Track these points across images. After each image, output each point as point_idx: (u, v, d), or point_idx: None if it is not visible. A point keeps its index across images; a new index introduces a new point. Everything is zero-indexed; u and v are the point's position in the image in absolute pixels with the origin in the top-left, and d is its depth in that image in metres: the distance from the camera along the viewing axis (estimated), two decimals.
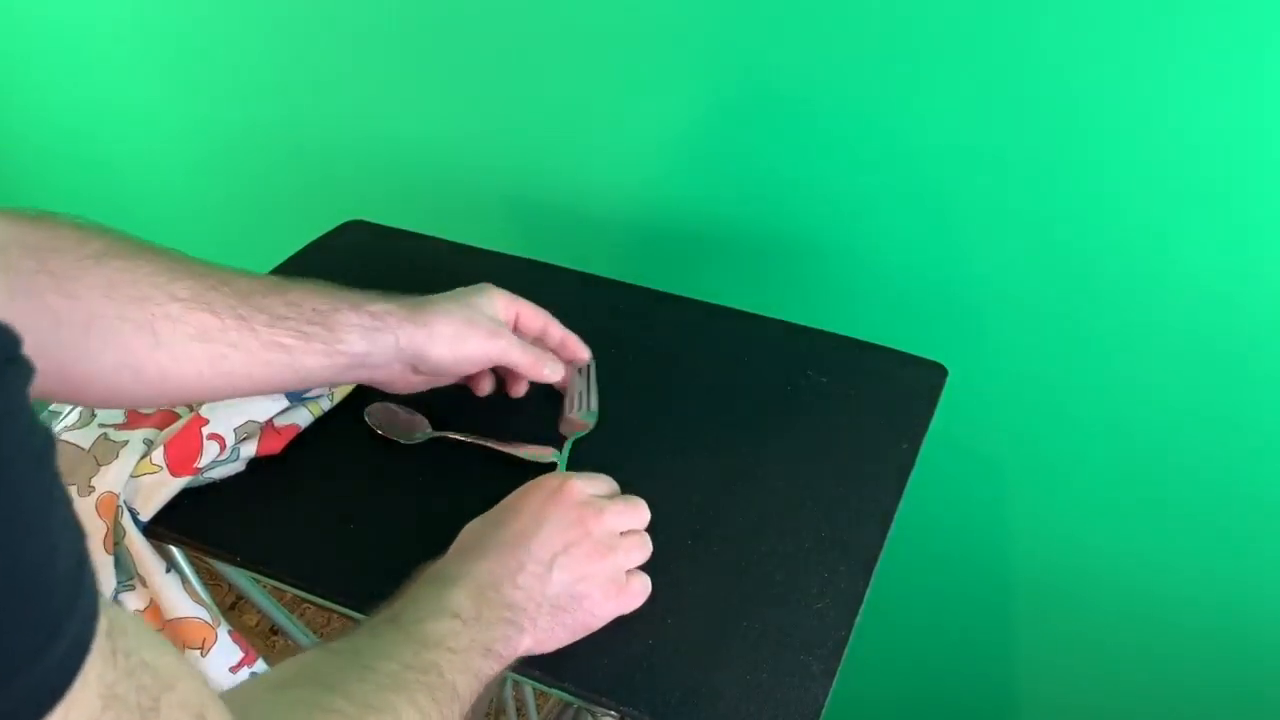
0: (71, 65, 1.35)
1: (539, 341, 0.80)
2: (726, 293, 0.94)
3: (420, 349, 0.70)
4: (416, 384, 0.75)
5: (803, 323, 0.90)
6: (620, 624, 0.66)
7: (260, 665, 0.79)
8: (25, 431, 0.27)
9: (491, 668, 0.58)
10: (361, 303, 0.69)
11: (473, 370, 0.76)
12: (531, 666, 0.65)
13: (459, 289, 0.77)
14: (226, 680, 0.76)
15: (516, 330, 0.78)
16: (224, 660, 0.76)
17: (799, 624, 0.67)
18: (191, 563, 0.81)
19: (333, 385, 0.80)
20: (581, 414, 0.80)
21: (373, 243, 1.06)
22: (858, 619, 0.68)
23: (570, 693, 0.64)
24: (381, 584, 0.69)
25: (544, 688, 0.66)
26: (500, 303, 0.77)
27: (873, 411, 0.82)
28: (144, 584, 0.75)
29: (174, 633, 0.75)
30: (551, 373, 0.78)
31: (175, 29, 1.24)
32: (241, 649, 0.78)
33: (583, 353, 0.82)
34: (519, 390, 0.82)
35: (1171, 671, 1.09)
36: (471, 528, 0.66)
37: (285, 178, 1.29)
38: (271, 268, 1.00)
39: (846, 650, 0.66)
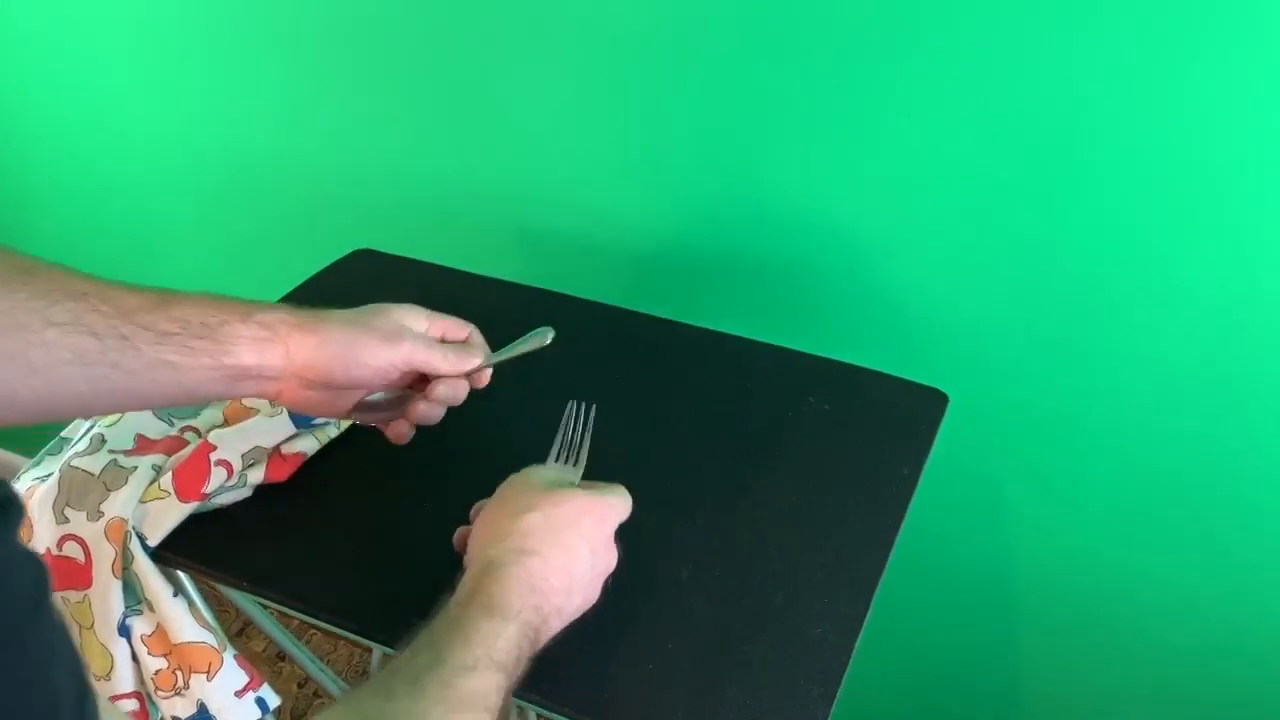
0: (80, 92, 1.37)
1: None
2: (729, 319, 0.95)
3: (311, 358, 0.67)
4: (314, 401, 0.70)
5: (804, 349, 0.91)
6: (621, 647, 0.67)
7: (266, 690, 0.79)
8: (20, 577, 0.27)
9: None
10: (252, 312, 0.66)
11: (376, 382, 0.70)
12: (530, 690, 0.65)
13: (377, 304, 0.74)
14: (232, 705, 0.77)
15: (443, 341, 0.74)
16: (230, 684, 0.77)
17: (799, 648, 0.67)
18: (199, 587, 0.82)
19: (226, 399, 0.77)
20: (560, 468, 0.73)
21: (381, 271, 1.07)
22: (857, 643, 0.68)
23: (570, 716, 0.65)
24: (389, 610, 0.70)
25: (544, 710, 0.67)
26: (415, 317, 0.72)
27: (874, 437, 0.83)
28: (151, 608, 0.76)
29: (181, 656, 0.76)
30: (467, 363, 0.73)
31: (186, 57, 1.26)
32: (247, 673, 0.78)
33: (476, 365, 0.74)
34: (428, 414, 0.74)
35: (1175, 690, 1.08)
36: (495, 528, 0.64)
37: (294, 206, 1.31)
38: (280, 296, 1.01)
39: (846, 675, 0.66)
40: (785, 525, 0.75)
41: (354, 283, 1.05)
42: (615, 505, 0.67)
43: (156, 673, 0.77)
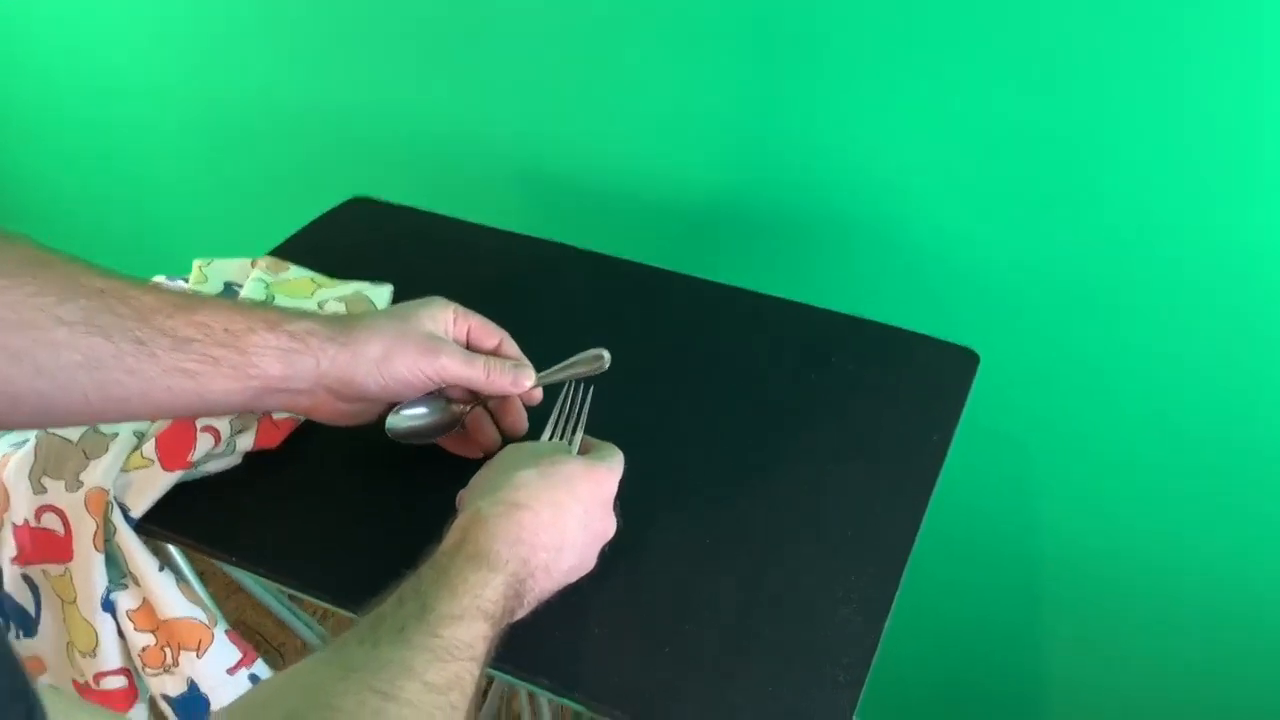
0: (68, 43, 1.31)
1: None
2: (746, 273, 0.90)
3: (344, 373, 0.63)
4: (347, 414, 0.67)
5: (827, 306, 0.85)
6: (633, 629, 0.63)
7: (260, 666, 0.75)
8: None
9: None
10: (279, 322, 0.62)
11: (409, 395, 0.67)
12: (539, 674, 0.61)
13: (401, 303, 0.70)
14: (223, 683, 0.73)
15: (470, 349, 0.70)
16: (221, 662, 0.73)
17: (823, 631, 0.63)
18: (189, 559, 0.78)
19: (250, 412, 0.73)
20: (555, 444, 0.69)
21: (377, 220, 1.02)
22: (886, 625, 0.64)
23: (579, 703, 0.61)
24: (384, 587, 0.65)
25: (554, 696, 0.63)
26: (444, 316, 0.69)
27: (901, 401, 0.78)
28: (137, 583, 0.72)
29: (169, 633, 0.72)
30: (515, 381, 0.69)
31: (176, 3, 1.19)
32: (240, 650, 0.74)
33: (528, 386, 0.70)
34: (512, 425, 0.72)
35: (1206, 661, 1.05)
36: (489, 485, 0.61)
37: (287, 153, 1.25)
38: (273, 246, 0.96)
39: (875, 659, 0.62)
40: (807, 496, 0.71)
41: (348, 232, 1.00)
42: (614, 469, 0.65)
43: (144, 649, 0.73)
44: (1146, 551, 1.00)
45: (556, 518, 0.59)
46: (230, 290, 0.87)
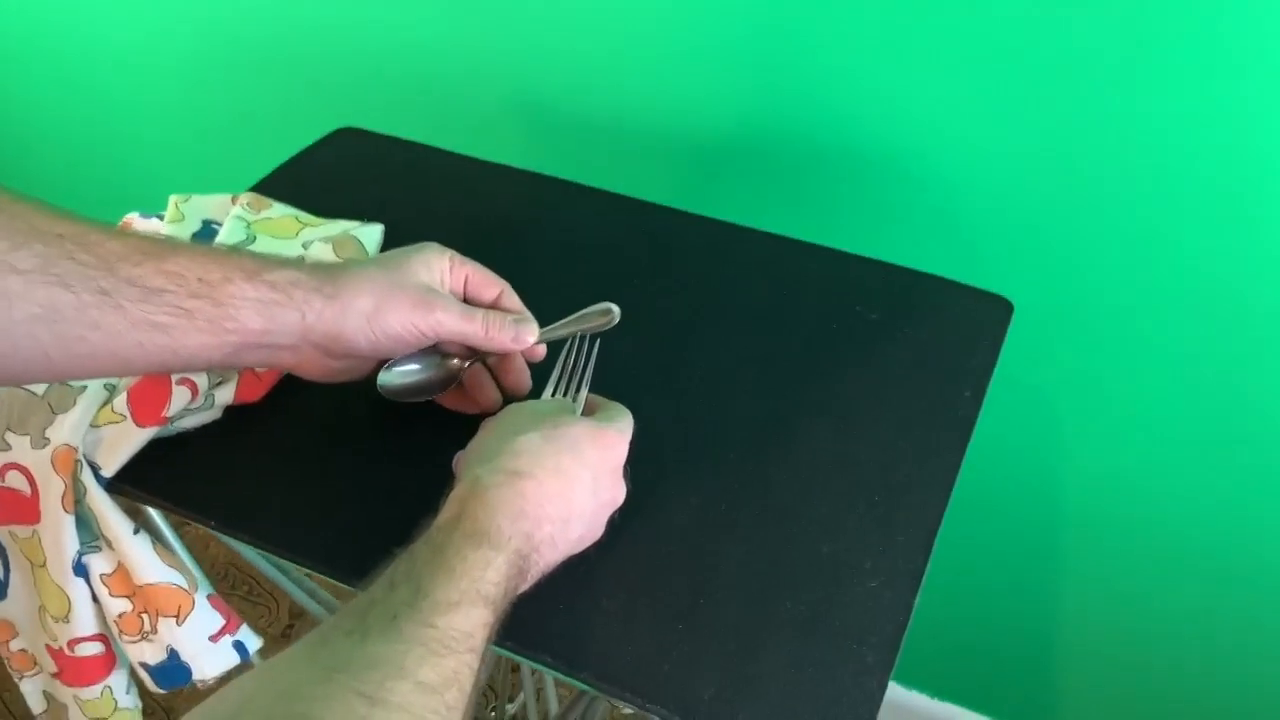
0: None
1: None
2: (763, 214, 0.84)
3: (331, 328, 0.58)
4: (334, 370, 0.62)
5: (850, 250, 0.80)
6: (644, 603, 0.58)
7: (245, 633, 0.71)
8: None
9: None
10: (259, 271, 0.57)
11: (402, 351, 0.62)
12: (542, 651, 0.57)
13: (392, 250, 0.65)
14: (206, 651, 0.69)
15: (467, 301, 0.64)
16: (203, 628, 0.69)
17: (850, 606, 0.58)
18: (169, 518, 0.73)
19: (229, 369, 0.68)
20: (558, 401, 0.64)
21: (367, 153, 0.95)
22: (917, 600, 0.59)
23: (588, 684, 0.56)
24: (376, 555, 0.61)
25: (560, 676, 0.59)
26: (440, 265, 0.63)
27: (930, 353, 0.73)
28: (110, 546, 0.67)
29: (146, 599, 0.67)
30: (516, 337, 0.63)
31: None
32: (223, 615, 0.70)
33: (531, 343, 0.64)
34: (514, 384, 0.67)
35: (1242, 624, 1.01)
36: (487, 452, 0.56)
37: (271, 79, 1.18)
38: (256, 181, 0.90)
39: (905, 637, 0.58)
40: (831, 458, 0.66)
41: (336, 166, 0.93)
42: (624, 432, 0.60)
43: (120, 615, 0.68)
44: (1179, 510, 0.96)
45: (563, 486, 0.54)
46: (209, 229, 0.81)
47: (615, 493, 0.59)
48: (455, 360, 0.66)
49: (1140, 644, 1.09)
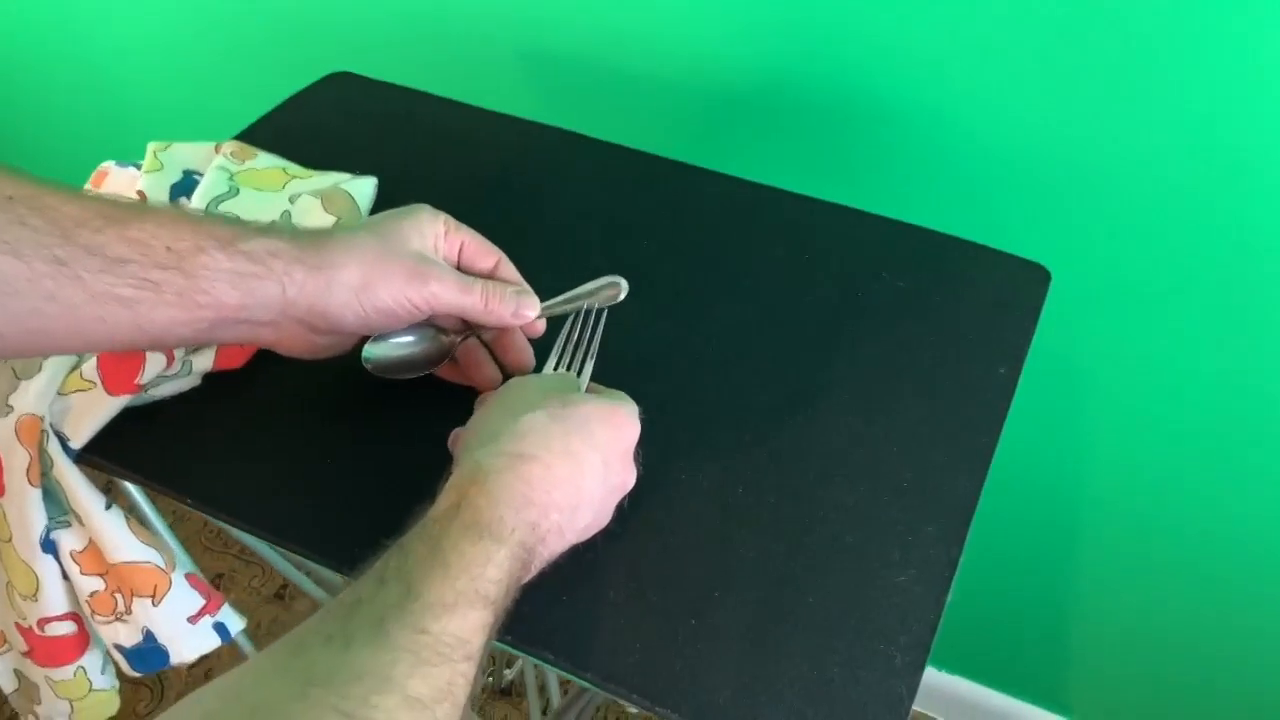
0: None
1: None
2: (782, 171, 0.78)
3: (315, 303, 0.53)
4: (319, 347, 0.58)
5: (876, 211, 0.74)
6: (654, 597, 0.54)
7: (226, 613, 0.67)
8: None
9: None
10: (234, 239, 0.52)
11: (394, 326, 0.57)
12: (543, 648, 0.53)
13: (381, 214, 0.60)
14: (184, 633, 0.65)
15: (460, 271, 0.59)
16: (181, 610, 0.65)
17: (877, 602, 0.54)
18: (146, 491, 0.68)
19: (205, 346, 0.63)
20: (561, 375, 0.59)
21: (361, 100, 0.89)
22: (950, 595, 0.55)
23: (592, 683, 0.52)
24: (365, 540, 0.56)
25: (565, 674, 0.54)
26: (433, 230, 0.58)
27: (962, 325, 0.68)
28: (81, 521, 0.62)
29: (119, 578, 0.63)
30: (517, 311, 0.58)
31: None
32: (203, 595, 0.66)
33: (532, 317, 0.59)
34: (516, 360, 0.62)
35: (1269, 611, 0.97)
36: (488, 433, 0.51)
37: (259, 20, 1.11)
38: (244, 128, 0.84)
39: (936, 635, 0.53)
40: (855, 439, 0.61)
41: (327, 114, 0.88)
42: (634, 414, 0.55)
43: (92, 595, 0.64)
44: (1215, 495, 0.91)
45: (571, 471, 0.50)
46: (190, 180, 0.75)
47: (626, 477, 0.54)
48: (447, 335, 0.61)
49: (1165, 628, 1.05)
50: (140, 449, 0.62)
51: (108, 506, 0.62)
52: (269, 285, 0.52)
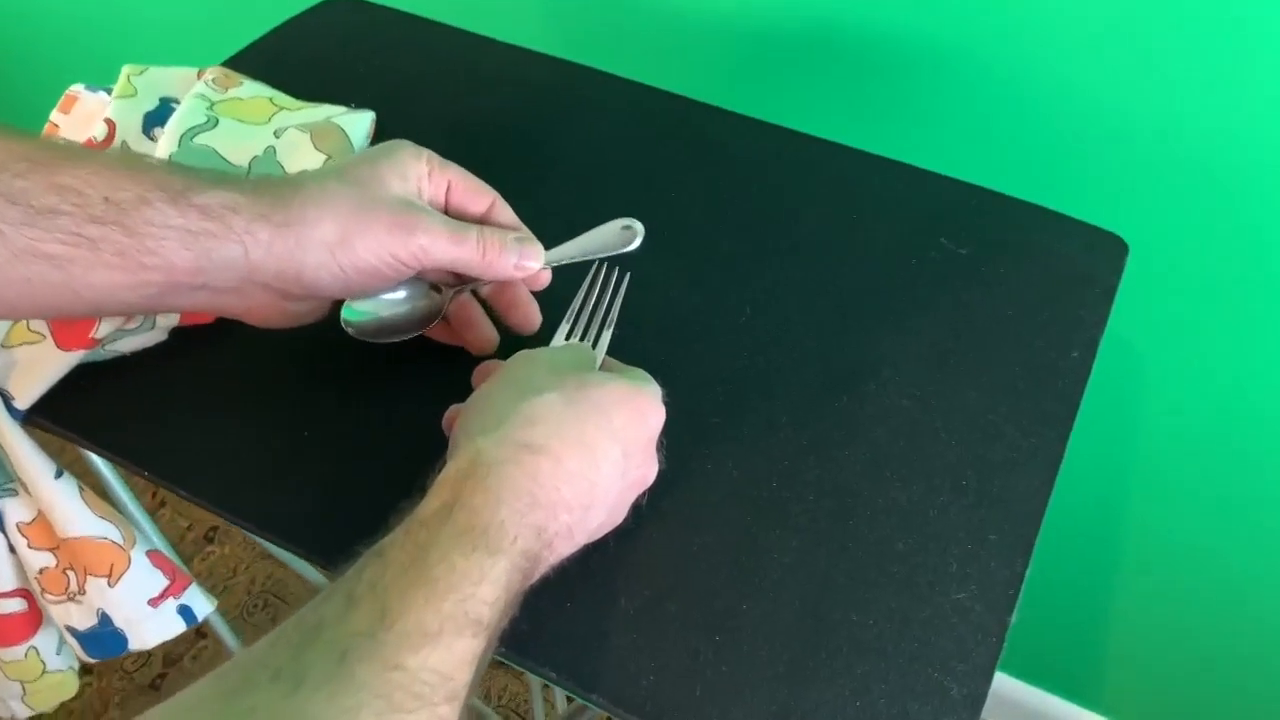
0: None
1: None
2: (830, 119, 0.70)
3: (285, 265, 0.46)
4: (291, 315, 0.50)
5: (936, 169, 0.66)
6: (675, 612, 0.47)
7: (193, 594, 0.60)
8: None
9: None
10: (186, 191, 0.44)
11: (377, 287, 0.50)
12: (545, 664, 0.46)
13: (354, 156, 0.52)
14: (144, 617, 0.58)
15: (449, 216, 0.52)
16: (140, 591, 0.58)
17: (931, 622, 0.47)
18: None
19: (150, 315, 0.55)
20: (574, 346, 0.52)
21: (361, 26, 0.81)
22: (1015, 616, 0.47)
23: (599, 705, 0.45)
24: (343, 530, 0.49)
25: (566, 691, 0.47)
26: (415, 170, 0.50)
27: (1031, 301, 0.60)
28: (28, 490, 0.55)
29: (71, 554, 0.56)
30: (520, 262, 0.50)
31: None
32: (166, 574, 0.59)
33: (536, 268, 0.51)
34: (520, 318, 0.54)
35: None
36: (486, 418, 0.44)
37: None
38: (232, 54, 0.76)
39: (998, 664, 0.46)
40: (908, 429, 0.53)
41: (323, 39, 0.79)
42: (659, 399, 0.47)
43: (42, 571, 0.57)
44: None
45: (585, 464, 0.42)
46: (166, 108, 0.67)
47: (646, 470, 0.46)
48: (439, 289, 0.53)
49: (1210, 627, 0.98)
50: (94, 412, 0.54)
51: (58, 475, 0.55)
52: (228, 246, 0.44)
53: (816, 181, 0.66)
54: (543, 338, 0.53)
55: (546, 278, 0.53)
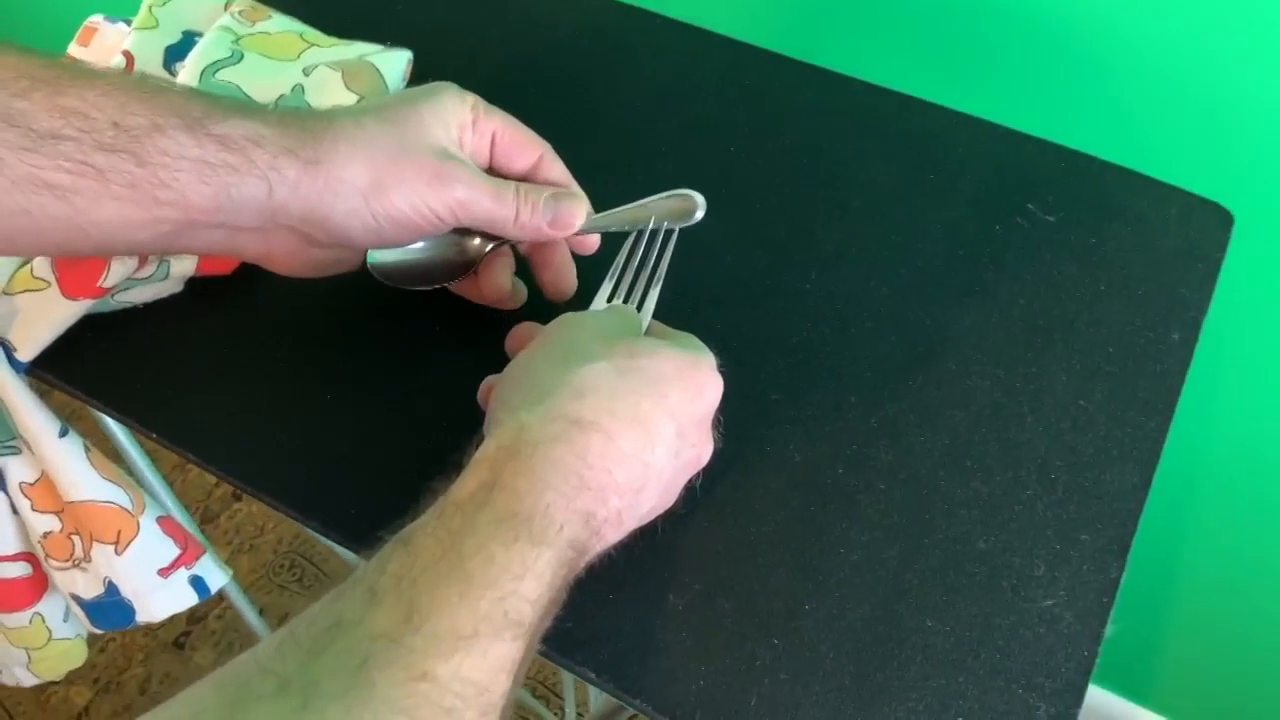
0: None
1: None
2: (903, 70, 0.64)
3: (312, 208, 0.41)
4: (318, 263, 0.46)
5: (1022, 129, 0.60)
6: (728, 611, 0.42)
7: (206, 564, 0.56)
8: None
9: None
10: (205, 119, 0.40)
11: (408, 239, 0.46)
12: (584, 661, 0.41)
13: (393, 95, 0.48)
14: (154, 588, 0.54)
15: (493, 169, 0.47)
16: (150, 560, 0.54)
17: (1015, 631, 0.42)
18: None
19: (163, 255, 0.50)
20: (619, 310, 0.47)
21: None
22: (1109, 626, 0.42)
23: (641, 711, 0.41)
24: (369, 499, 0.45)
25: (606, 692, 0.43)
26: (458, 116, 0.45)
27: (1127, 274, 0.54)
28: (31, 449, 0.51)
29: (76, 519, 0.53)
30: (556, 220, 0.46)
31: None
32: (178, 543, 0.55)
33: (576, 227, 0.47)
34: (554, 281, 0.49)
35: None
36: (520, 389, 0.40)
37: None
38: None
39: (1090, 679, 0.41)
40: (991, 414, 0.48)
41: None
42: (715, 370, 0.42)
43: (45, 535, 0.54)
44: None
45: (639, 443, 0.37)
46: (190, 41, 0.63)
47: (702, 450, 0.42)
48: (475, 239, 0.48)
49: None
50: (102, 367, 0.50)
51: (62, 433, 0.51)
52: (251, 182, 0.40)
53: (891, 136, 0.60)
54: (582, 299, 0.48)
55: (594, 242, 0.49)
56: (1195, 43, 0.64)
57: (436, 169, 0.42)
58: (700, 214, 0.48)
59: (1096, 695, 1.15)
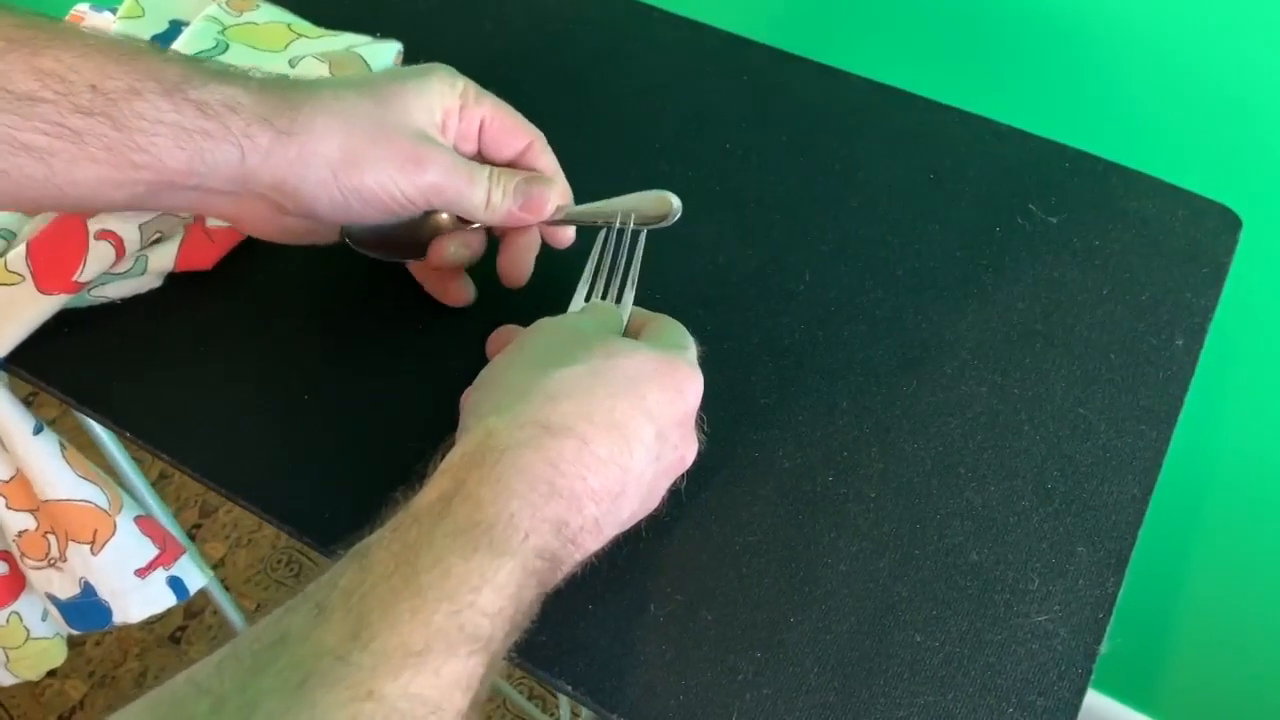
0: None
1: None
2: (905, 68, 0.62)
3: (282, 177, 0.41)
4: (289, 231, 0.45)
5: (1025, 127, 0.59)
6: (712, 621, 0.41)
7: (184, 565, 0.55)
8: None
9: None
10: (183, 83, 0.40)
11: (377, 218, 0.44)
12: (560, 674, 0.40)
13: (383, 71, 0.49)
14: (131, 588, 0.53)
15: (481, 155, 0.46)
16: (127, 560, 0.53)
17: (1007, 647, 0.40)
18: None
19: (138, 214, 0.49)
20: (597, 307, 0.45)
21: None
22: (1105, 643, 0.41)
23: None
24: (350, 506, 0.44)
25: (583, 706, 0.42)
26: (445, 100, 0.44)
27: (1130, 277, 0.52)
28: (5, 447, 0.50)
29: (52, 517, 0.52)
30: (527, 203, 0.45)
31: None
32: (156, 543, 0.54)
33: (548, 213, 0.46)
34: (508, 268, 0.48)
35: None
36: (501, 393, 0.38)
37: None
38: None
39: (1083, 698, 0.40)
40: (986, 421, 0.47)
41: None
42: (696, 367, 0.41)
43: (21, 534, 0.53)
44: None
45: (616, 448, 0.36)
46: (176, 31, 0.62)
47: (684, 451, 0.40)
48: (447, 218, 0.47)
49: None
50: (77, 364, 0.49)
51: (37, 430, 0.50)
52: (224, 148, 0.40)
53: (889, 133, 0.59)
54: (559, 300, 0.47)
55: (569, 235, 0.47)
56: (1204, 40, 0.63)
57: (411, 151, 0.42)
58: (675, 218, 0.47)
59: (1099, 701, 1.14)
